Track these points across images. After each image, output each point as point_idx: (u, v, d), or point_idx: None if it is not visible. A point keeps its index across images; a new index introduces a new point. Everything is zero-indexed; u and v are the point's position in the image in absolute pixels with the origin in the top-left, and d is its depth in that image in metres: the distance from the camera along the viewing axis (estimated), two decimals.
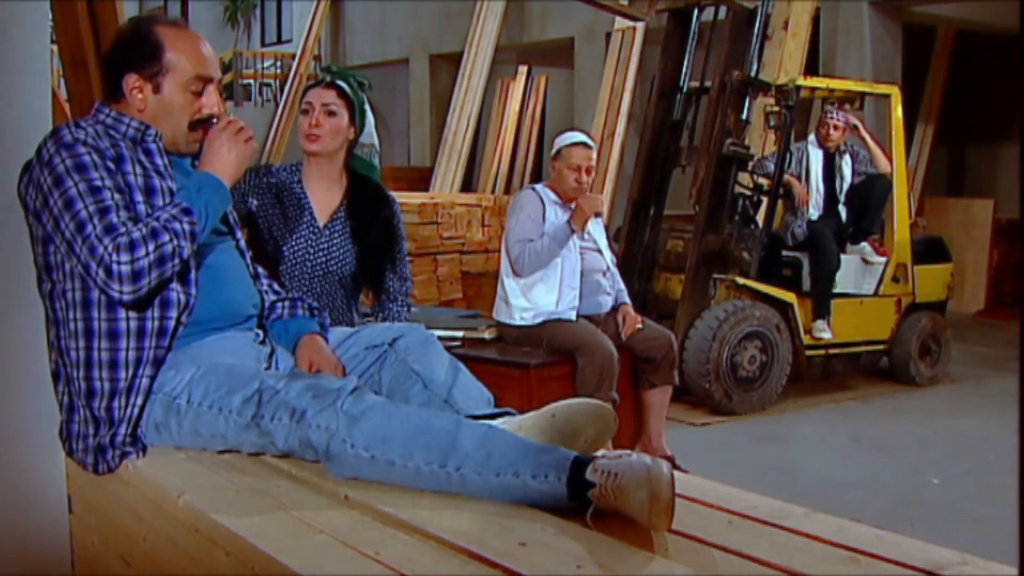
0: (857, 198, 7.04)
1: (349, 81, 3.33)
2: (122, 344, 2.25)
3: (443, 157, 13.42)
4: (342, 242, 3.26)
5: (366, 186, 3.34)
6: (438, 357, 2.44)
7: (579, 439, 2.10)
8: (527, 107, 13.17)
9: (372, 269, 3.32)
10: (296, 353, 2.46)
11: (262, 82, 17.88)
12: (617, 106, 10.74)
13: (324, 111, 3.25)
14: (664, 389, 4.86)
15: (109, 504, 2.33)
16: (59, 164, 2.20)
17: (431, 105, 15.21)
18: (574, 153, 4.68)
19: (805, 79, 7.13)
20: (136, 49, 2.33)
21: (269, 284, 2.61)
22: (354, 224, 3.27)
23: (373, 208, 3.31)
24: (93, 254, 2.14)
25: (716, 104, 6.64)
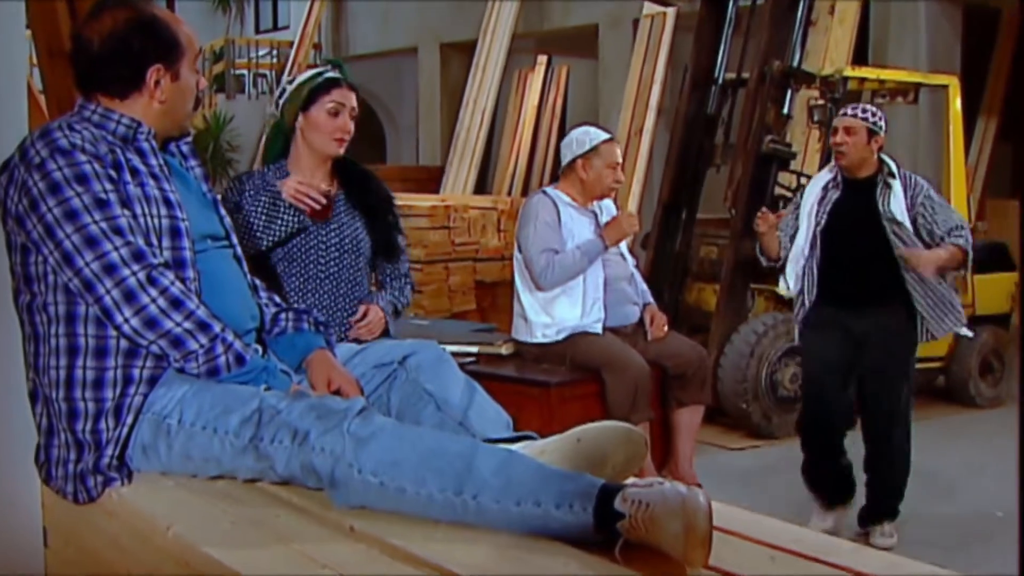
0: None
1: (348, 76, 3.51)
2: (109, 363, 2.27)
3: (455, 156, 13.45)
4: (351, 221, 3.45)
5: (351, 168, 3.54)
6: (452, 376, 2.45)
7: (607, 466, 2.11)
8: (546, 101, 13.18)
9: (385, 239, 3.53)
10: (309, 371, 2.48)
11: (256, 72, 17.95)
12: (645, 99, 10.74)
13: (350, 115, 3.42)
14: (694, 409, 4.87)
15: (90, 537, 2.34)
16: (55, 171, 2.23)
17: (442, 99, 15.24)
18: (612, 150, 4.78)
19: (853, 69, 7.13)
20: (156, 39, 2.38)
21: (269, 296, 2.63)
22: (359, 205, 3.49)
23: (367, 185, 3.54)
24: (111, 273, 2.19)
25: (755, 97, 6.65)
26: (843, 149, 4.66)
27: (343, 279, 3.43)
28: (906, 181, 4.67)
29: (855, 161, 4.64)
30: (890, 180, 4.63)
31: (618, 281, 4.78)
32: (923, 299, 4.63)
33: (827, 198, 4.76)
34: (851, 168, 4.68)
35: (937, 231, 4.58)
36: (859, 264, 4.68)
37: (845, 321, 4.68)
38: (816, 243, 4.73)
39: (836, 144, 4.71)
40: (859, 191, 4.68)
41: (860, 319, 4.66)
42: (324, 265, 3.41)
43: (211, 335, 2.25)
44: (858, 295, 4.68)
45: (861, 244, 4.64)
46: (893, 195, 4.61)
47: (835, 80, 6.81)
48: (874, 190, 4.65)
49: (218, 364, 2.27)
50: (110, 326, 2.24)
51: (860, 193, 4.68)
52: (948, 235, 4.56)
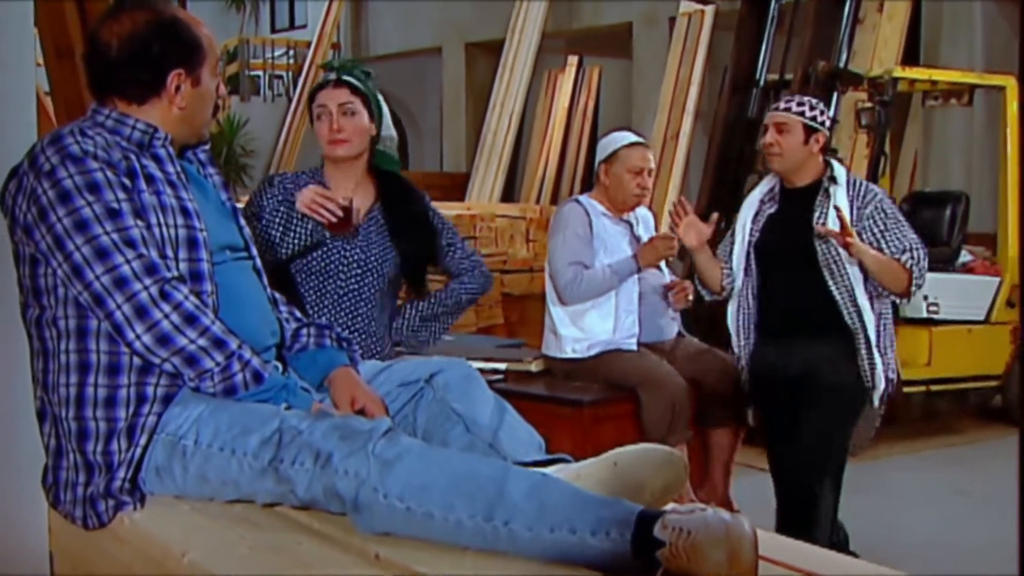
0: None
1: (356, 74, 3.47)
2: (122, 380, 2.28)
3: (481, 161, 13.47)
4: (380, 240, 3.45)
5: (395, 183, 3.54)
6: (482, 395, 2.45)
7: (645, 491, 2.11)
8: (577, 103, 13.20)
9: (413, 268, 3.52)
10: (332, 390, 2.49)
11: (272, 74, 18.03)
12: (682, 102, 10.74)
13: (342, 112, 3.40)
14: (733, 429, 4.84)
15: (99, 564, 2.34)
16: (66, 179, 2.24)
17: (467, 101, 15.28)
18: (633, 155, 4.67)
19: (903, 70, 7.11)
20: (178, 42, 2.40)
21: (289, 310, 2.64)
22: (392, 223, 3.47)
23: (406, 205, 3.51)
24: (122, 287, 2.20)
25: None
26: (773, 151, 4.23)
27: (363, 298, 3.43)
28: (853, 189, 4.19)
29: (790, 165, 4.23)
30: (831, 187, 4.17)
31: (653, 294, 4.76)
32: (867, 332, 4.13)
33: (762, 212, 4.35)
34: (786, 174, 4.27)
35: (885, 251, 4.11)
36: (790, 292, 4.26)
37: (780, 363, 4.27)
38: (750, 267, 4.35)
39: (765, 146, 4.26)
40: (796, 202, 4.27)
41: (792, 359, 4.23)
42: (344, 282, 3.42)
43: (227, 352, 2.26)
44: (790, 330, 4.26)
45: (793, 267, 4.19)
46: (833, 205, 4.14)
47: (884, 81, 6.79)
48: (812, 200, 4.20)
49: (235, 382, 2.27)
50: (121, 342, 2.25)
51: (797, 204, 4.25)
52: (899, 254, 4.09)
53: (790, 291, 4.24)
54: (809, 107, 4.21)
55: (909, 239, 4.14)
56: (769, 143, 4.23)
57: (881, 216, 4.14)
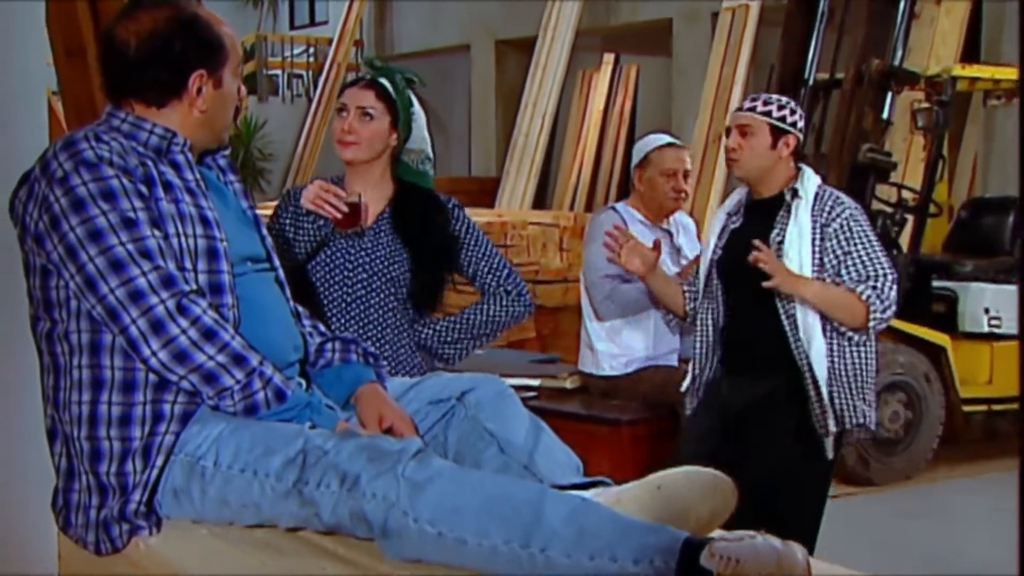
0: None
1: (394, 79, 3.46)
2: (138, 397, 2.28)
3: (512, 165, 13.48)
4: (389, 242, 3.43)
5: (414, 191, 3.51)
6: (516, 414, 2.45)
7: (690, 517, 2.10)
8: (614, 104, 13.21)
9: (428, 282, 3.47)
10: (358, 407, 2.49)
11: (291, 73, 18.11)
12: (725, 102, 10.73)
13: (359, 114, 3.41)
14: None
15: None
16: (79, 186, 2.25)
17: (497, 102, 15.30)
18: (666, 156, 4.65)
19: (963, 68, 7.08)
20: (200, 42, 2.41)
21: (313, 324, 2.65)
22: (403, 226, 3.45)
23: (424, 213, 3.48)
24: (138, 301, 2.21)
25: (850, 100, 6.62)
26: (735, 156, 4.00)
27: (372, 305, 3.42)
28: (819, 202, 3.93)
29: (754, 173, 4.00)
30: (794, 200, 3.93)
31: None
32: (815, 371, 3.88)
33: (727, 226, 4.12)
34: (752, 183, 4.06)
35: (844, 273, 3.88)
36: (747, 318, 4.05)
37: (729, 399, 4.04)
38: (712, 288, 4.12)
39: (728, 151, 4.05)
40: (760, 216, 4.03)
41: (739, 395, 4.01)
42: (350, 288, 3.41)
43: (247, 369, 2.27)
44: (744, 362, 4.04)
45: (751, 290, 3.91)
46: (794, 220, 3.91)
47: (942, 80, 6.76)
48: (775, 214, 3.97)
49: (256, 401, 2.28)
50: (136, 358, 2.26)
51: (760, 219, 4.02)
52: (857, 282, 3.85)
53: (747, 317, 4.03)
54: (777, 106, 3.99)
55: (874, 266, 3.88)
56: (731, 148, 4.01)
57: (845, 235, 3.89)
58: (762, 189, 4.03)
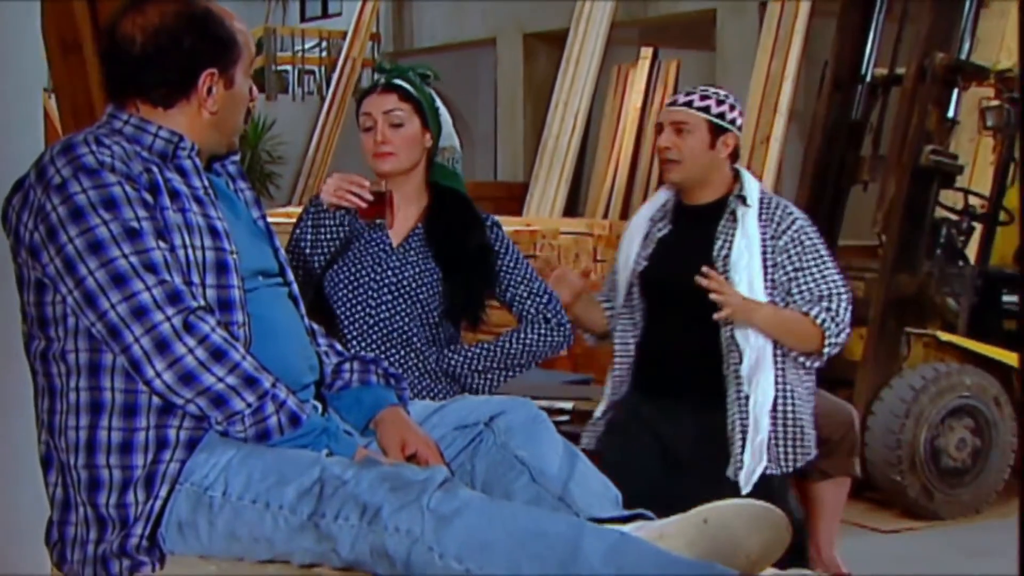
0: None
1: (409, 77, 3.51)
2: (140, 423, 2.30)
3: (541, 169, 13.47)
4: (419, 261, 3.46)
5: (449, 200, 3.55)
6: (549, 440, 2.46)
7: (739, 553, 2.10)
8: (652, 102, 13.18)
9: (464, 300, 3.51)
10: (379, 433, 2.50)
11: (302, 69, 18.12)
12: (774, 101, 10.71)
13: (388, 122, 3.45)
14: (839, 482, 4.81)
15: None
16: (79, 194, 2.27)
17: (525, 101, 15.30)
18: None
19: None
20: (211, 38, 2.43)
21: (329, 343, 2.66)
22: (436, 242, 3.49)
23: (457, 222, 3.52)
24: (142, 318, 2.22)
25: (912, 98, 6.59)
26: (671, 156, 3.92)
27: (396, 327, 3.45)
28: (767, 211, 3.89)
29: (692, 176, 3.95)
30: (740, 207, 3.87)
31: None
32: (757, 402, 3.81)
33: (652, 235, 4.05)
34: (686, 188, 4.00)
35: (796, 292, 3.87)
36: (676, 338, 3.97)
37: (655, 423, 3.95)
38: (633, 302, 4.06)
39: (660, 151, 3.97)
40: (695, 224, 3.99)
41: (672, 422, 3.92)
42: (373, 308, 3.44)
43: (259, 392, 2.28)
44: (674, 385, 3.94)
45: (682, 308, 3.88)
46: (742, 232, 3.85)
47: (1013, 75, 6.72)
48: (716, 222, 3.91)
49: (268, 426, 2.29)
50: (139, 380, 2.27)
51: (696, 228, 3.98)
52: (810, 302, 3.84)
53: (676, 338, 3.95)
54: (716, 101, 3.92)
55: (827, 284, 3.88)
56: (665, 147, 3.93)
57: (797, 250, 3.87)
58: (698, 194, 3.98)
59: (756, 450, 3.81)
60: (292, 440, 2.30)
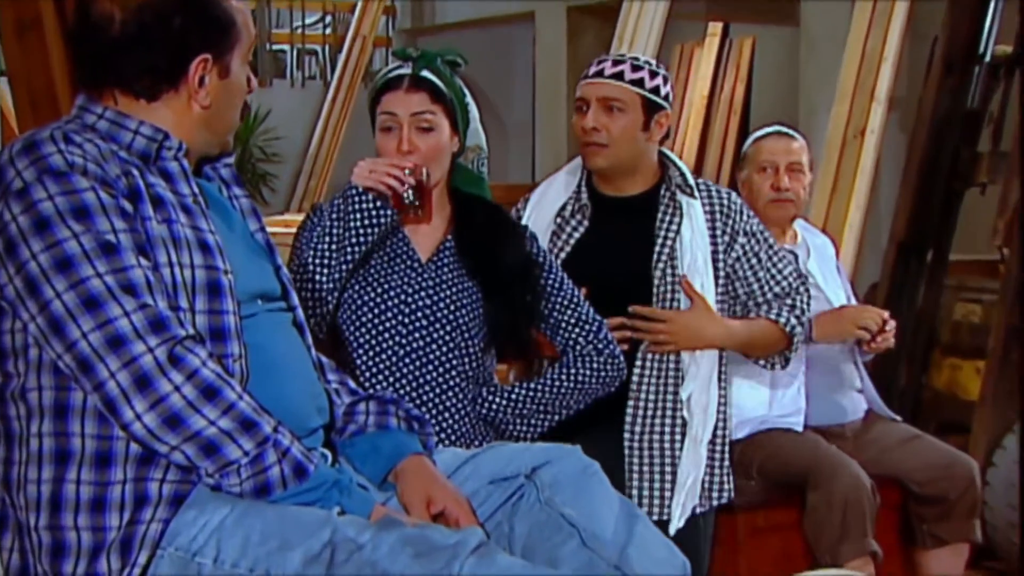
0: None
1: (438, 68, 3.51)
2: (116, 475, 2.31)
3: None
4: (455, 280, 3.49)
5: (477, 205, 3.59)
6: (603, 496, 2.46)
7: None
8: (721, 88, 13.19)
9: (510, 324, 3.53)
10: (400, 487, 2.52)
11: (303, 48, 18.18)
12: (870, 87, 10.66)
13: (415, 125, 3.46)
14: (956, 549, 4.79)
15: None
16: (44, 201, 2.27)
17: (569, 87, 15.29)
18: (762, 148, 4.62)
19: None
20: (205, 18, 2.45)
21: (340, 380, 2.67)
22: (471, 258, 3.52)
23: (493, 239, 3.55)
24: (119, 349, 2.22)
25: None
26: (598, 139, 3.91)
27: (432, 360, 3.45)
28: (710, 200, 3.99)
29: (622, 163, 3.95)
30: (682, 197, 3.94)
31: (831, 357, 4.74)
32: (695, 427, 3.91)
33: (563, 232, 4.02)
34: (611, 176, 4.00)
35: (758, 293, 4.00)
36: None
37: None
38: None
39: (585, 132, 3.93)
40: (622, 220, 4.01)
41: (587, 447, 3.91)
42: (404, 338, 3.45)
43: (259, 437, 2.28)
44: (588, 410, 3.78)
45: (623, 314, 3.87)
46: (689, 228, 3.90)
47: None
48: (651, 216, 3.95)
49: (269, 479, 2.29)
50: (115, 423, 2.27)
51: (624, 224, 4.00)
52: (771, 303, 3.99)
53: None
54: (649, 72, 3.93)
55: (787, 279, 4.01)
56: (592, 127, 3.90)
57: (753, 246, 3.97)
58: (624, 184, 4.00)
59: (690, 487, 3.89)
60: (297, 496, 2.30)
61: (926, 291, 7.06)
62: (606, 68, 3.93)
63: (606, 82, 3.91)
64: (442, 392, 3.44)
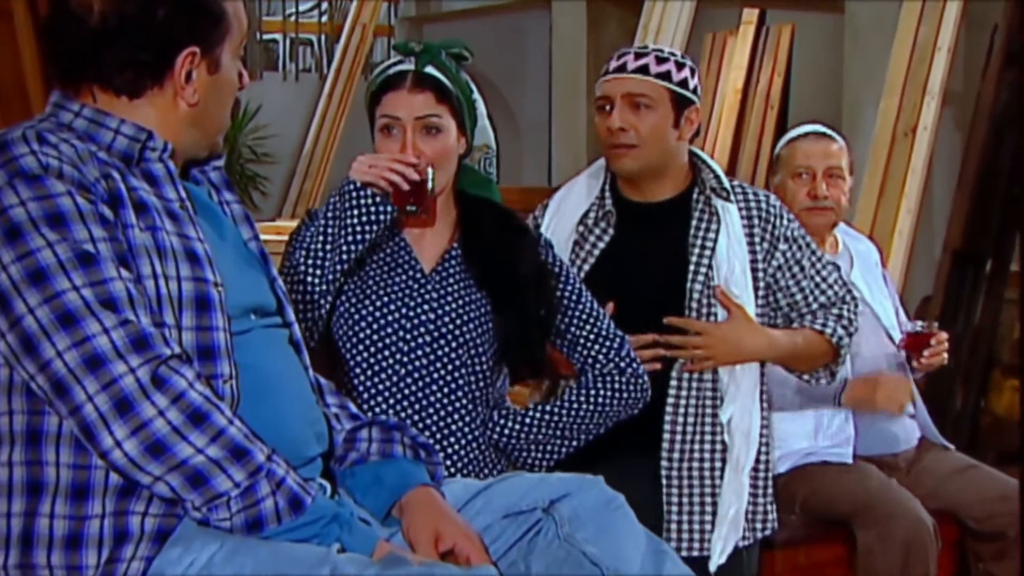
0: None
1: (443, 64, 3.50)
2: (94, 508, 2.31)
3: None
4: (462, 291, 3.49)
5: (485, 209, 3.58)
6: (628, 532, 2.47)
7: None
8: (757, 80, 13.19)
9: (522, 338, 3.51)
10: (406, 521, 2.52)
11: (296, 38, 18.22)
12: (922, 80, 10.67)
13: (420, 128, 3.45)
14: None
15: None
16: (15, 207, 2.27)
17: (589, 80, 15.31)
18: (796, 151, 4.62)
19: None
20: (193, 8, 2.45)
21: (340, 404, 2.67)
22: (479, 270, 3.51)
23: (503, 245, 3.54)
24: (97, 369, 2.22)
25: None
26: (627, 140, 3.89)
27: (436, 380, 3.45)
28: (747, 203, 3.98)
29: (652, 165, 3.94)
30: (717, 202, 3.94)
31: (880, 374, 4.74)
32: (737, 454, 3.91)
33: (586, 240, 4.01)
34: (641, 180, 3.99)
35: (802, 304, 4.00)
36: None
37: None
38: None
39: (612, 133, 3.90)
40: (654, 228, 4.01)
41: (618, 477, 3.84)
42: (405, 355, 3.44)
43: (251, 467, 2.28)
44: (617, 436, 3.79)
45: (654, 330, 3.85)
46: (726, 235, 3.90)
47: None
48: (684, 223, 3.95)
49: (262, 512, 2.29)
50: (93, 451, 2.28)
51: (656, 232, 4.00)
52: (816, 314, 4.00)
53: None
54: (676, 64, 3.94)
55: (833, 288, 4.03)
56: (617, 129, 3.88)
57: (795, 253, 3.98)
58: (654, 188, 3.99)
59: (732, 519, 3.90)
60: (293, 531, 2.30)
61: (984, 305, 7.07)
62: (628, 62, 3.92)
63: (630, 77, 3.89)
64: (448, 415, 3.44)
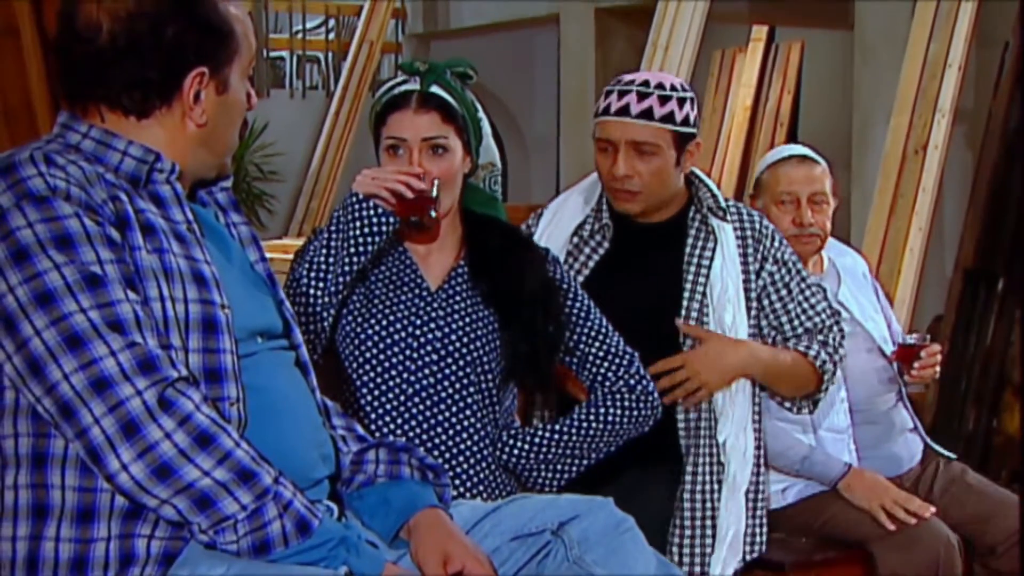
0: None
1: (448, 83, 3.51)
2: (99, 531, 2.31)
3: None
4: (469, 309, 3.49)
5: (490, 227, 3.60)
6: (638, 554, 2.47)
7: None
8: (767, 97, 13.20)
9: (530, 355, 3.51)
10: (414, 544, 2.52)
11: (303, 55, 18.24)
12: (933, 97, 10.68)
13: (427, 149, 3.46)
14: None
15: None
16: (23, 229, 2.28)
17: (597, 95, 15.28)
18: (778, 177, 4.58)
19: None
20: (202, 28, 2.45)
21: (347, 426, 2.67)
22: (487, 286, 3.52)
23: (509, 262, 3.55)
24: (104, 392, 2.22)
25: None
26: (632, 187, 3.92)
27: (444, 400, 3.44)
28: (740, 222, 4.02)
29: (655, 202, 3.99)
30: (713, 221, 3.97)
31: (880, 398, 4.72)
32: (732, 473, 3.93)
33: (581, 252, 4.03)
34: (645, 213, 4.02)
35: (787, 328, 4.03)
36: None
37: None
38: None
39: (614, 180, 3.93)
40: (650, 246, 4.03)
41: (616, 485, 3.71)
42: (411, 375, 3.44)
43: (258, 489, 2.28)
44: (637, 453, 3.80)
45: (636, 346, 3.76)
46: (721, 254, 3.94)
47: None
48: (680, 242, 3.99)
49: (269, 535, 2.29)
50: (99, 474, 2.28)
51: (652, 249, 4.03)
52: (800, 338, 4.02)
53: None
54: (677, 101, 3.90)
55: (818, 313, 4.04)
56: (621, 175, 3.90)
57: (783, 276, 4.01)
58: (654, 214, 4.02)
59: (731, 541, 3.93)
60: (300, 554, 2.30)
61: (996, 324, 7.06)
62: (631, 104, 3.89)
63: (633, 123, 3.89)
64: (456, 435, 3.43)
